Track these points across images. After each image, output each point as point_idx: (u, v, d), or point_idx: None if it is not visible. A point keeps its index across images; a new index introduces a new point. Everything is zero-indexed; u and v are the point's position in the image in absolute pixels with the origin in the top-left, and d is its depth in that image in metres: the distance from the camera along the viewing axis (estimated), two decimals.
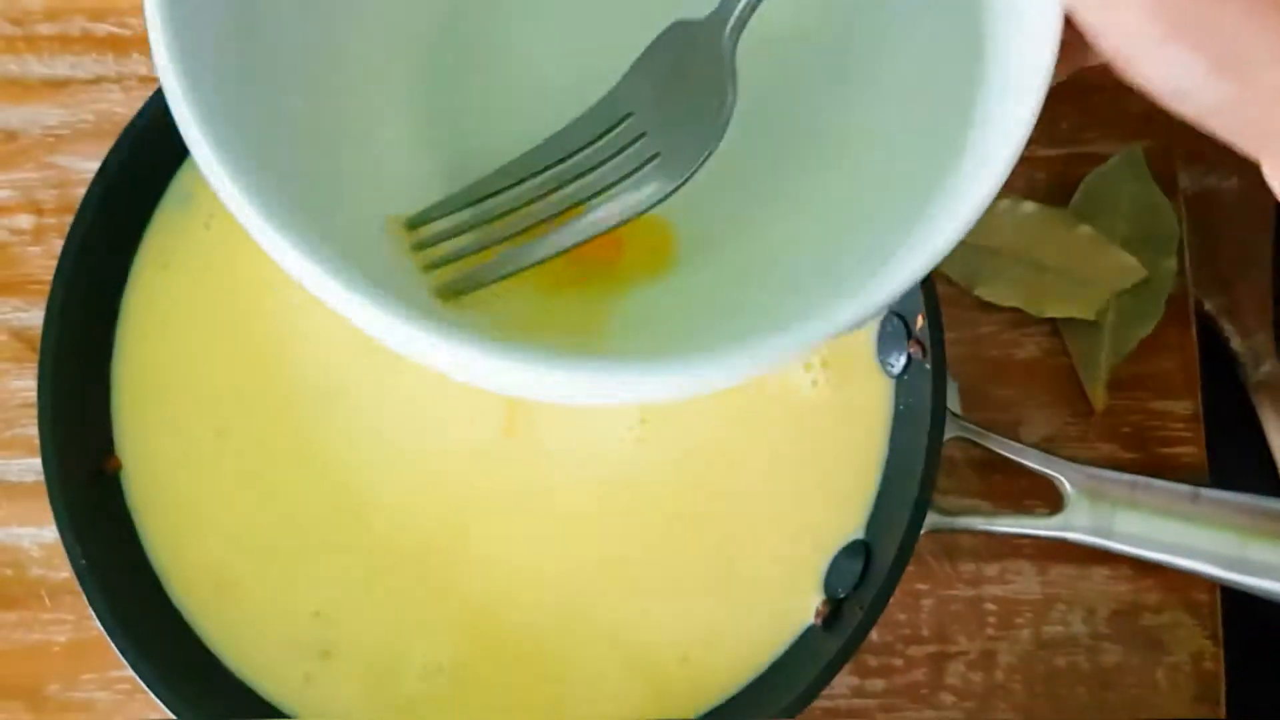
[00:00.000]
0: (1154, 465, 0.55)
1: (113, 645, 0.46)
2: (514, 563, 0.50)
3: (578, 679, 0.49)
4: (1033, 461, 0.49)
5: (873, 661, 0.54)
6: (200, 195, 0.52)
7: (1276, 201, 0.62)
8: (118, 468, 0.50)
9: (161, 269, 0.51)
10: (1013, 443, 0.50)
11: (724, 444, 0.51)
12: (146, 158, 0.50)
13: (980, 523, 0.50)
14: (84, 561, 0.46)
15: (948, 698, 0.54)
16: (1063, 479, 0.49)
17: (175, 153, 0.51)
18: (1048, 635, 0.54)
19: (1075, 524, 0.49)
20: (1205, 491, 0.49)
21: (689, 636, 0.50)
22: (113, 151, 0.49)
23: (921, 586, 0.54)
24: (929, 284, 0.49)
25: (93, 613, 0.46)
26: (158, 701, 0.45)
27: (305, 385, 0.50)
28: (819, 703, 0.51)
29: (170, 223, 0.52)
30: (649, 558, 0.50)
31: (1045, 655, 0.54)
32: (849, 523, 0.51)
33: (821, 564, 0.50)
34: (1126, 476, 0.49)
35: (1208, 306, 0.60)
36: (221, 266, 0.51)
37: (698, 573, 0.50)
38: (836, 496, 0.51)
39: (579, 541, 0.50)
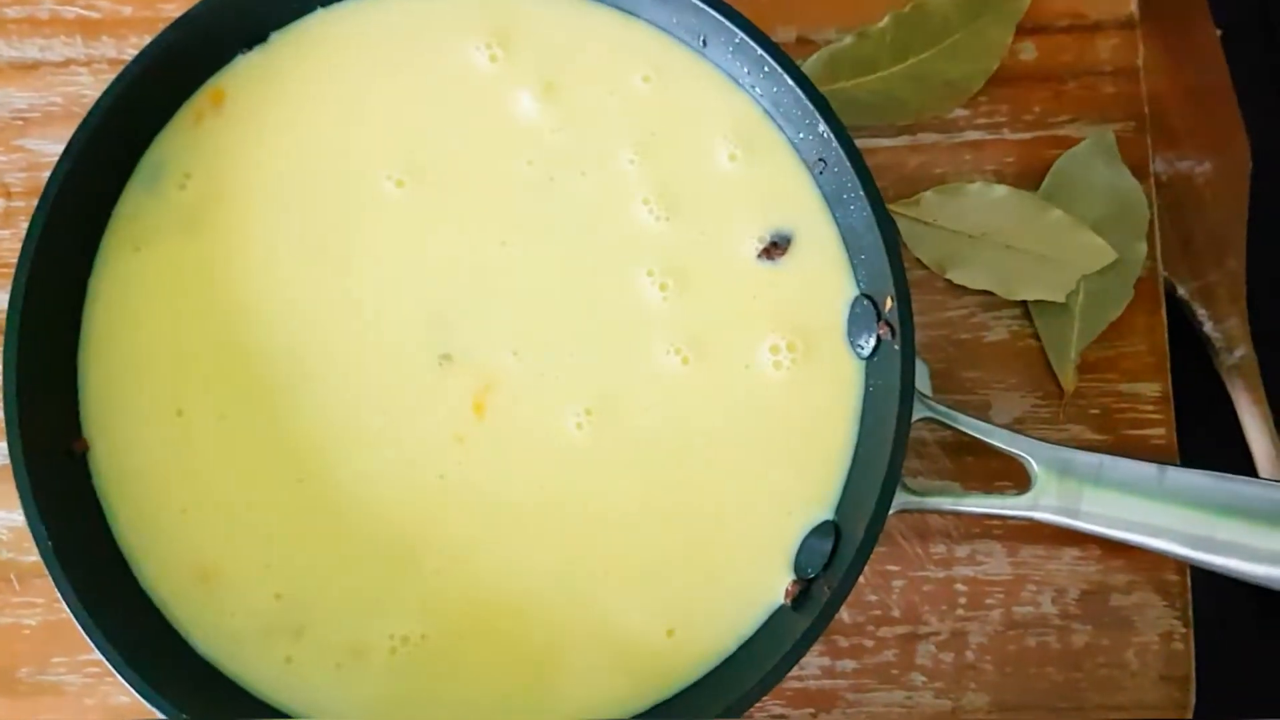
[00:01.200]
0: (1123, 447, 0.55)
1: (80, 629, 0.46)
2: (479, 544, 0.50)
3: (547, 656, 0.49)
4: (1000, 441, 0.50)
5: (844, 642, 0.54)
6: (168, 174, 0.51)
7: (1250, 187, 0.63)
8: (85, 449, 0.49)
9: (134, 251, 0.51)
10: (980, 422, 0.50)
11: (684, 426, 0.51)
12: (112, 138, 0.50)
13: (949, 503, 0.50)
14: (50, 543, 0.46)
15: (918, 678, 0.54)
16: (1030, 458, 0.49)
17: (141, 133, 0.51)
18: (1018, 616, 0.54)
19: (1043, 503, 0.49)
20: (1172, 470, 0.49)
21: (661, 615, 0.50)
22: (78, 131, 0.49)
23: (892, 568, 0.55)
24: (898, 266, 0.49)
25: (59, 595, 0.46)
26: (126, 685, 0.45)
27: (272, 368, 0.50)
28: (790, 683, 0.52)
29: (138, 204, 0.51)
30: (612, 539, 0.50)
31: (1015, 635, 0.54)
32: (818, 503, 0.51)
33: (790, 544, 0.50)
34: (1094, 456, 0.49)
35: (1180, 291, 0.60)
36: (190, 251, 0.51)
37: (664, 553, 0.50)
38: (805, 477, 0.51)
39: (544, 525, 0.50)
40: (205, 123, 0.52)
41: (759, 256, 0.52)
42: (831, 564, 0.49)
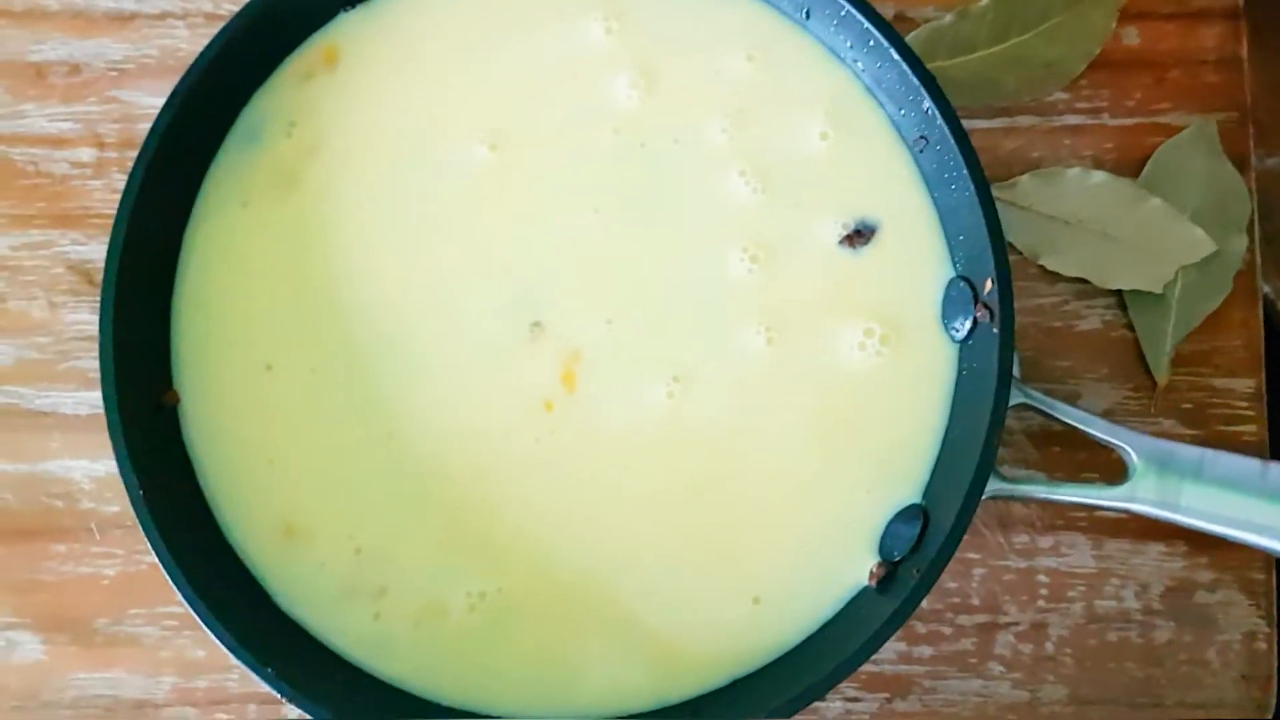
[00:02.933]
0: (1214, 443, 0.54)
1: (167, 578, 0.46)
2: (563, 508, 0.49)
3: (626, 622, 0.49)
4: (1099, 431, 0.49)
5: (921, 628, 0.54)
6: (271, 130, 0.51)
7: None
8: (176, 402, 0.49)
9: (241, 207, 0.51)
10: (1078, 411, 0.49)
11: (769, 402, 0.50)
12: (213, 91, 0.49)
13: (1042, 491, 0.49)
14: (141, 493, 0.46)
15: (996, 668, 0.53)
16: (1130, 449, 0.48)
17: (241, 88, 0.51)
18: (1100, 610, 0.54)
19: (1141, 495, 0.48)
20: (1275, 466, 0.48)
21: (745, 588, 0.49)
22: (180, 83, 0.48)
23: (973, 555, 0.54)
24: (1001, 248, 0.48)
25: (149, 545, 0.46)
26: (211, 635, 0.45)
27: (363, 326, 0.50)
28: (866, 667, 0.51)
29: (237, 159, 0.51)
30: (695, 510, 0.50)
31: (1097, 629, 0.53)
32: (906, 486, 0.50)
33: (876, 526, 0.50)
34: (1195, 449, 0.48)
35: (1266, 290, 0.59)
36: (288, 207, 0.51)
37: (749, 526, 0.50)
38: (894, 460, 0.50)
39: (629, 493, 0.50)
40: (316, 80, 0.52)
41: (840, 243, 0.51)
42: (919, 548, 0.48)
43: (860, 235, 0.52)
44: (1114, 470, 0.50)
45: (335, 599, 0.48)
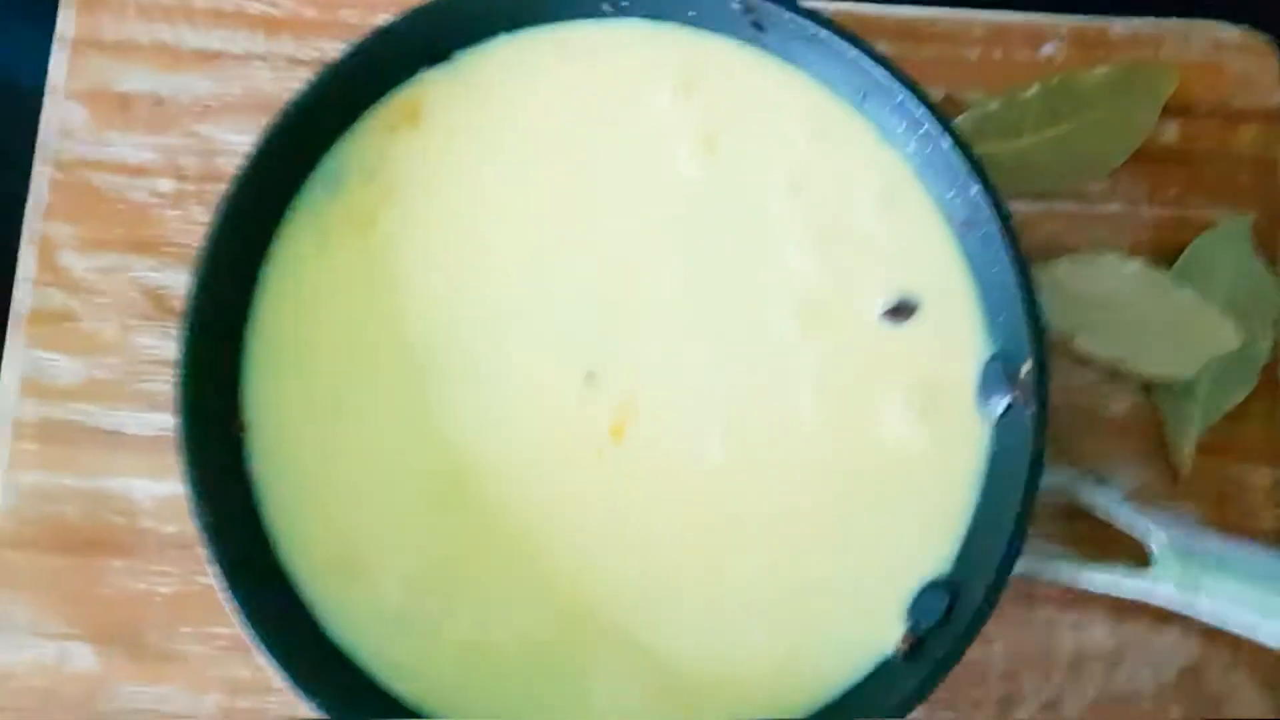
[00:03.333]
0: (1235, 532, 0.56)
1: (226, 602, 0.47)
2: (607, 557, 0.51)
3: (658, 675, 0.51)
4: (1122, 519, 0.50)
5: (939, 699, 0.55)
6: (351, 177, 0.54)
7: None
8: (243, 430, 0.51)
9: (317, 249, 0.53)
10: (1106, 489, 0.51)
11: (810, 470, 0.52)
12: (299, 135, 0.52)
13: (1067, 575, 0.50)
14: (208, 519, 0.47)
15: None
16: (1150, 540, 0.49)
17: (323, 135, 0.53)
18: (1116, 689, 0.55)
19: (1160, 588, 0.49)
20: None
21: (771, 647, 0.51)
22: (271, 124, 0.50)
23: (993, 628, 0.55)
24: (1039, 332, 0.50)
25: (206, 567, 0.48)
26: (267, 661, 0.47)
27: (426, 370, 0.52)
28: None
29: (317, 202, 0.53)
30: (729, 567, 0.51)
31: (1112, 709, 0.55)
32: (935, 558, 0.52)
33: (905, 596, 0.51)
34: (1216, 541, 0.50)
35: None
36: (362, 251, 0.53)
37: (780, 586, 0.51)
38: (924, 531, 0.52)
39: (669, 542, 0.51)
40: (399, 133, 0.54)
41: (882, 316, 0.53)
42: (948, 621, 0.50)
43: (902, 311, 0.53)
44: (1138, 548, 0.51)
45: (385, 632, 0.50)
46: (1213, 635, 0.55)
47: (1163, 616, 0.55)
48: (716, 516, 0.52)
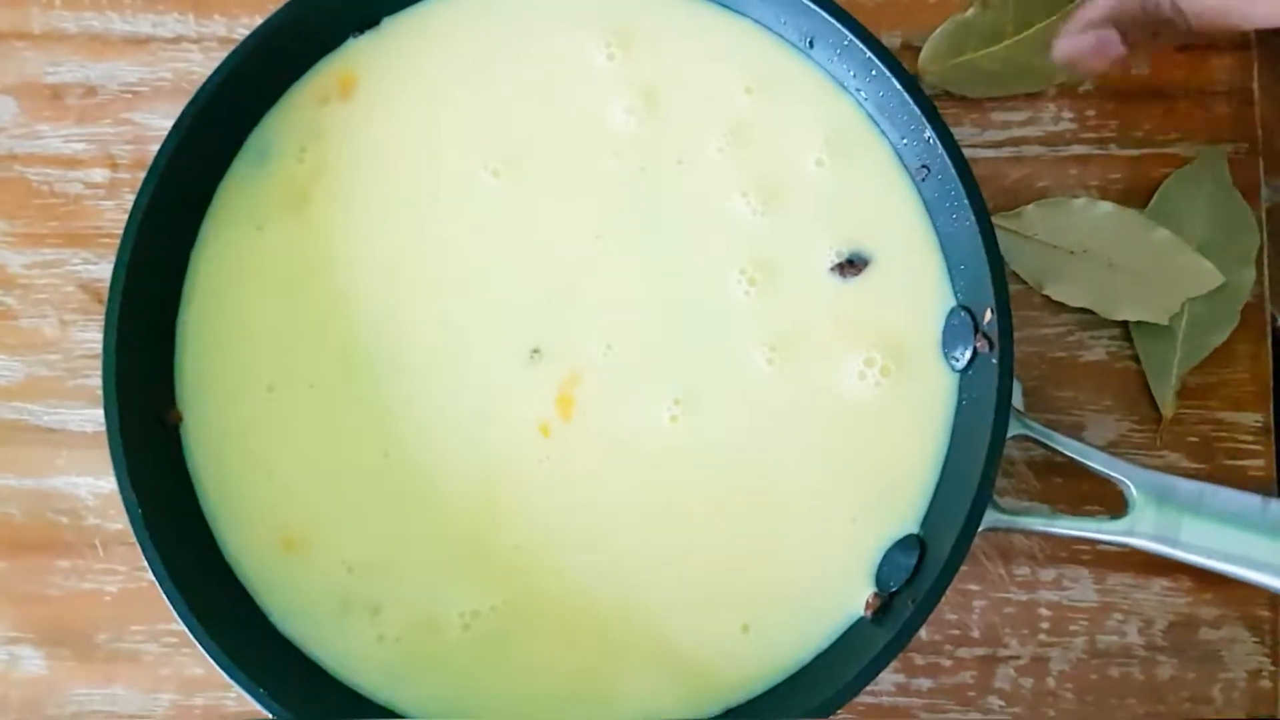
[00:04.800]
0: (1220, 477, 0.54)
1: (165, 598, 0.46)
2: (557, 530, 0.50)
3: (616, 646, 0.49)
4: (1098, 464, 0.48)
5: (920, 660, 0.53)
6: (281, 153, 0.52)
7: None
8: (179, 421, 0.50)
9: (249, 227, 0.51)
10: (1077, 443, 0.49)
11: (769, 433, 0.50)
12: (222, 113, 0.50)
13: (1040, 523, 0.48)
14: (140, 512, 0.46)
15: (995, 701, 0.53)
16: (1129, 483, 0.48)
17: (250, 111, 0.52)
18: (1102, 644, 0.53)
19: (1140, 529, 0.47)
20: (1276, 502, 0.47)
21: (736, 614, 0.49)
22: (189, 105, 0.49)
23: (974, 587, 0.54)
24: (1001, 278, 0.48)
25: (146, 564, 0.46)
26: (207, 657, 0.46)
27: (365, 347, 0.50)
28: (862, 698, 0.51)
29: (245, 181, 0.52)
30: (690, 534, 0.50)
31: (1099, 664, 0.53)
32: (903, 516, 0.50)
33: (872, 556, 0.50)
34: (1195, 484, 0.47)
35: (1279, 322, 0.58)
36: (294, 229, 0.51)
37: (742, 552, 0.50)
38: (891, 489, 0.50)
39: (624, 516, 0.50)
40: (330, 106, 0.52)
41: (831, 270, 0.51)
42: (915, 579, 0.48)
43: (852, 265, 0.51)
44: (1117, 502, 0.49)
45: (329, 616, 0.49)
46: (1201, 587, 0.53)
47: (1147, 569, 0.53)
48: (673, 488, 0.50)
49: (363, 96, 0.53)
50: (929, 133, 0.50)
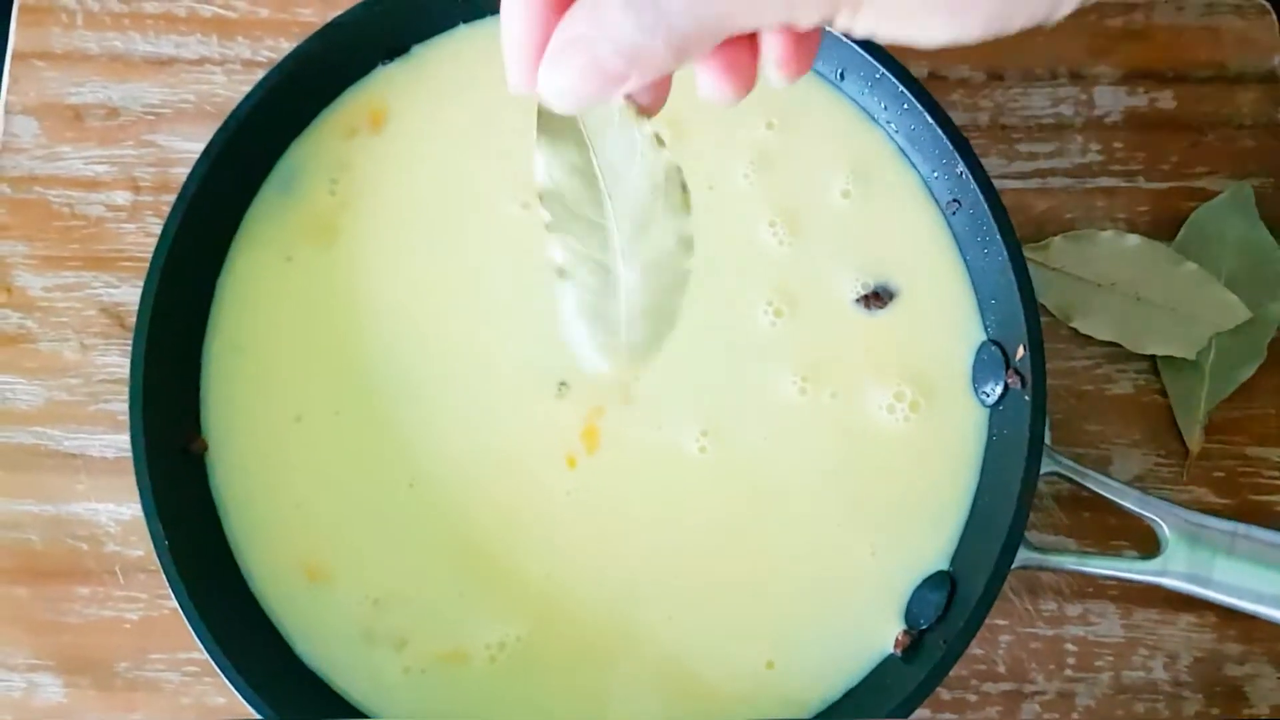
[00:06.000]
0: (1247, 512, 0.53)
1: (188, 626, 0.46)
2: (583, 561, 0.49)
3: (641, 676, 0.48)
4: (1131, 503, 0.48)
5: (946, 695, 0.53)
6: (309, 181, 0.52)
7: None
8: (204, 449, 0.49)
9: (276, 257, 0.51)
10: (1111, 481, 0.49)
11: (796, 461, 0.50)
12: (252, 140, 0.50)
13: (1072, 562, 0.48)
14: (166, 541, 0.45)
15: None
16: (1162, 523, 0.47)
17: (278, 138, 0.51)
18: (1128, 680, 0.53)
19: (1173, 569, 0.47)
20: None
21: (763, 648, 0.49)
22: (220, 132, 0.49)
23: (1000, 622, 0.53)
24: (1033, 314, 0.48)
25: (171, 592, 0.46)
26: (227, 683, 0.45)
27: (392, 378, 0.50)
28: None
29: (273, 208, 0.51)
30: (717, 568, 0.49)
31: (1124, 700, 0.53)
32: (930, 552, 0.50)
33: (901, 591, 0.49)
34: (1227, 523, 0.47)
35: None
36: (323, 259, 0.51)
37: (770, 587, 0.49)
38: (921, 525, 0.50)
39: (651, 547, 0.49)
40: (359, 138, 0.52)
41: (856, 302, 0.51)
42: (946, 617, 0.48)
43: (878, 298, 0.51)
44: (1145, 537, 0.49)
45: (354, 647, 0.48)
46: (1226, 623, 0.53)
47: (1173, 605, 0.53)
48: (699, 521, 0.50)
49: (392, 129, 0.52)
50: (961, 167, 0.50)
